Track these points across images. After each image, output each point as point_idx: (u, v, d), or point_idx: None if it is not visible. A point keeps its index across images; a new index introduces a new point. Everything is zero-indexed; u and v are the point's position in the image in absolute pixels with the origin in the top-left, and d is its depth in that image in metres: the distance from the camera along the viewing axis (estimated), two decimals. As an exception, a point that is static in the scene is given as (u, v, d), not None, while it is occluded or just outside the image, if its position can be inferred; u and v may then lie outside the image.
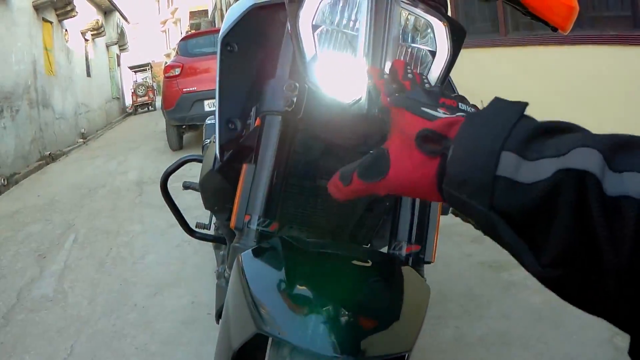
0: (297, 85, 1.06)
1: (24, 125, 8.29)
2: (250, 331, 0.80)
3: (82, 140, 11.48)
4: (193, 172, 2.48)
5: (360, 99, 0.98)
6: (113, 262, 3.56)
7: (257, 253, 0.95)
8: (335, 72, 0.99)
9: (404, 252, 1.09)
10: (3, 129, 7.43)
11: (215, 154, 1.18)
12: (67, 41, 11.87)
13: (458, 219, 3.25)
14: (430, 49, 1.03)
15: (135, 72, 21.88)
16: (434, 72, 1.03)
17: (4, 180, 6.82)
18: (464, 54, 1.12)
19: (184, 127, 8.00)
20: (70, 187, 6.47)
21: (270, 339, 0.85)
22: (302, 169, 1.29)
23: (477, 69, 3.50)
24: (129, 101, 20.90)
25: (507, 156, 0.45)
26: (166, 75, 7.76)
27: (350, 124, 1.07)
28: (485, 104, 0.52)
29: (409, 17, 1.03)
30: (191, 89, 7.39)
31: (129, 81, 21.44)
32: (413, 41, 1.04)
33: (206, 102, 7.28)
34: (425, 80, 0.69)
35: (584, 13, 2.88)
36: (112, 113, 17.03)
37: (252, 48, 1.21)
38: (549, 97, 3.14)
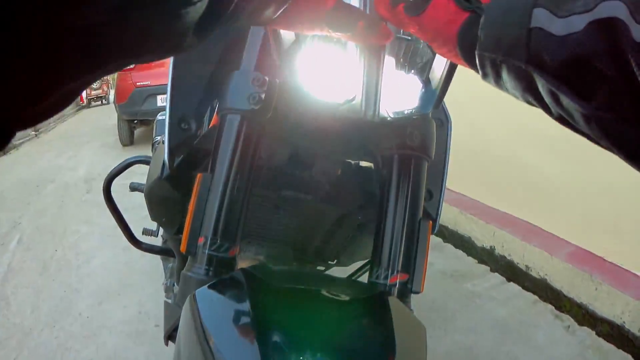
0: (267, 79, 0.90)
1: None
2: None
3: (34, 132, 11.09)
4: (143, 170, 2.32)
5: (354, 99, 0.80)
6: (58, 266, 3.37)
7: (215, 290, 0.78)
8: (324, 65, 0.81)
9: (388, 281, 0.94)
10: None
11: (164, 159, 1.00)
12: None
13: None
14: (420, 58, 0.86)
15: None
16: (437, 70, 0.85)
17: None
18: None
19: (135, 122, 7.79)
20: (18, 182, 6.15)
21: None
22: (265, 177, 1.09)
23: None
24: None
25: (540, 12, 0.46)
26: None
27: (330, 128, 0.93)
28: None
29: None
30: (145, 82, 7.21)
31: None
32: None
33: (159, 97, 7.10)
34: None
35: None
36: (64, 105, 16.56)
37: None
38: (509, 103, 3.10)
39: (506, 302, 2.68)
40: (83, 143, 8.92)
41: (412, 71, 0.84)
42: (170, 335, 1.23)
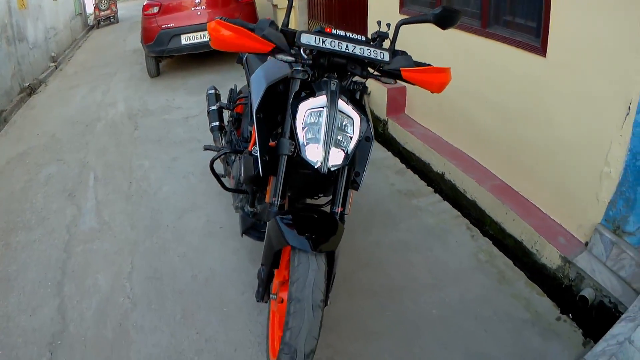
0: (293, 144, 2.36)
1: (5, 63, 9.05)
2: (283, 243, 2.23)
3: (53, 64, 12.22)
4: (178, 103, 3.74)
5: (318, 162, 2.26)
6: (137, 195, 4.84)
7: (281, 216, 2.30)
8: (310, 152, 2.27)
9: (337, 210, 2.47)
10: None
11: (259, 170, 2.57)
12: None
13: (389, 154, 4.70)
14: (350, 134, 2.34)
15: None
16: (351, 145, 2.32)
17: None
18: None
19: (161, 57, 9.25)
20: (65, 122, 7.45)
21: (291, 248, 2.21)
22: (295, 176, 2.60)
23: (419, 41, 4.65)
24: (90, 10, 21.30)
25: None
26: (145, 13, 8.95)
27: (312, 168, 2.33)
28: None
29: (343, 117, 2.33)
30: (169, 25, 8.64)
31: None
32: (344, 129, 2.32)
33: (183, 37, 8.63)
34: None
35: (501, 15, 3.97)
36: (76, 29, 17.56)
37: (270, 116, 2.63)
38: (469, 73, 4.28)
39: (437, 215, 4.12)
40: (110, 75, 10.23)
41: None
42: (245, 232, 2.82)
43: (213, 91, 4.19)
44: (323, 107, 2.30)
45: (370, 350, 2.87)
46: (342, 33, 2.40)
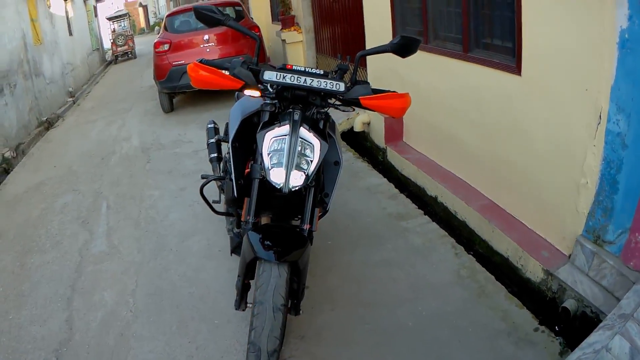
0: (264, 168, 2.75)
1: (22, 97, 9.62)
2: (252, 255, 2.65)
3: (71, 99, 12.81)
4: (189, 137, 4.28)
5: (281, 184, 2.69)
6: (146, 221, 5.31)
7: (254, 232, 2.75)
8: (274, 175, 2.69)
9: (305, 227, 2.88)
10: (5, 106, 8.70)
11: (233, 190, 3.01)
12: (49, 7, 13.18)
13: (384, 180, 5.24)
14: (311, 158, 2.72)
15: (113, 22, 23.27)
16: (311, 167, 2.72)
17: (12, 152, 8.15)
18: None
19: (174, 93, 9.87)
20: (82, 155, 8.04)
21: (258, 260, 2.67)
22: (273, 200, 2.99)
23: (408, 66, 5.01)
24: (107, 45, 22.17)
25: None
26: (157, 50, 9.57)
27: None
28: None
29: (304, 144, 2.72)
30: (180, 62, 9.19)
31: (105, 29, 22.71)
32: (304, 153, 2.71)
33: None
34: None
35: (480, 38, 4.29)
36: (93, 65, 18.37)
37: (244, 144, 3.08)
38: (454, 96, 4.68)
39: (424, 235, 4.47)
40: (126, 110, 10.85)
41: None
42: (233, 251, 3.43)
43: (212, 125, 4.65)
44: (286, 135, 2.71)
45: (346, 356, 3.21)
46: (302, 68, 2.83)
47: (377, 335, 3.36)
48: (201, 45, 9.46)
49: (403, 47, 2.89)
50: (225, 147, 4.42)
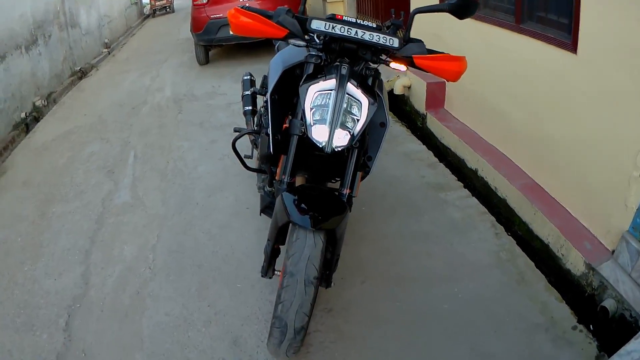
0: (304, 124, 2.46)
1: (56, 48, 9.44)
2: (285, 219, 2.33)
3: (106, 50, 12.67)
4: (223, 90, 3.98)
5: (323, 142, 2.41)
6: (173, 173, 5.04)
7: (289, 193, 2.44)
8: (317, 132, 2.42)
9: (344, 191, 2.60)
10: (39, 55, 8.50)
11: (268, 145, 2.73)
12: (88, -42, 12.86)
13: (424, 147, 4.82)
14: (357, 117, 2.45)
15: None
16: (358, 127, 2.45)
17: (44, 100, 7.98)
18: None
19: (210, 46, 9.58)
20: (113, 104, 7.80)
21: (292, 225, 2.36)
22: (311, 158, 2.71)
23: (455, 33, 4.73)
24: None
25: None
26: (195, 3, 9.32)
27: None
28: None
29: (351, 100, 2.44)
30: (218, 15, 8.89)
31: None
32: (351, 111, 2.43)
33: None
34: None
35: (534, 10, 3.92)
36: (131, 18, 18.11)
37: (284, 97, 2.78)
38: (501, 68, 4.32)
39: (463, 210, 4.10)
40: (160, 62, 10.56)
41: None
42: (263, 211, 3.10)
43: (248, 77, 4.33)
44: (331, 90, 2.43)
45: (375, 334, 2.92)
46: (353, 20, 2.53)
47: (409, 315, 3.07)
48: (241, 0, 9.13)
49: (461, 8, 2.53)
50: (261, 101, 4.14)
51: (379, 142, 2.78)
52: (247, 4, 8.90)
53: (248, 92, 4.15)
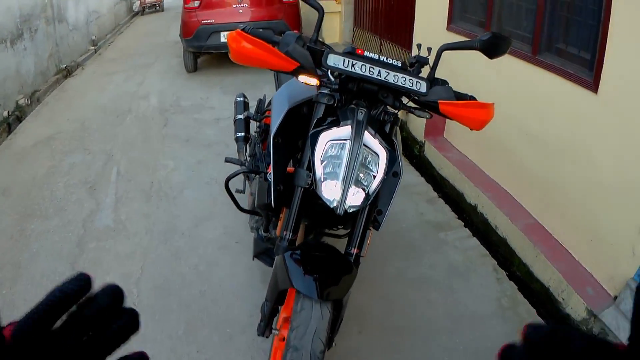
0: (311, 176, 2.21)
1: (42, 43, 9.18)
2: (287, 285, 2.12)
3: (93, 47, 12.43)
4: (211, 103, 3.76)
5: (334, 202, 2.13)
6: (157, 196, 4.85)
7: (291, 254, 2.20)
8: (327, 189, 2.13)
9: (352, 251, 2.34)
10: (23, 51, 8.24)
11: (269, 195, 2.41)
12: (79, -50, 12.61)
13: (422, 179, 4.60)
14: (374, 172, 2.16)
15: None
16: (374, 184, 2.17)
17: (27, 99, 7.74)
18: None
19: (200, 53, 9.32)
20: (96, 110, 7.56)
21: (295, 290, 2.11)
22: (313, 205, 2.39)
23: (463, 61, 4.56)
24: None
25: None
26: (186, 6, 9.00)
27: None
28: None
29: (367, 153, 2.14)
30: (209, 20, 8.67)
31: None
32: (368, 165, 2.14)
33: (223, 34, 8.54)
34: None
35: (553, 42, 3.76)
36: (120, 14, 17.84)
37: (291, 139, 2.48)
38: (512, 100, 4.14)
39: (464, 252, 4.00)
40: (147, 65, 10.32)
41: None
42: (257, 256, 2.81)
43: (242, 99, 4.00)
44: (346, 140, 2.13)
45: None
46: (375, 56, 2.25)
47: (410, 369, 2.93)
48: (234, 5, 8.87)
49: (493, 46, 2.31)
50: (254, 126, 3.98)
51: (391, 193, 2.44)
52: (240, 10, 8.78)
53: (241, 116, 3.82)
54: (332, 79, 2.37)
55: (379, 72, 2.17)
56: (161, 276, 3.71)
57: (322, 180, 2.14)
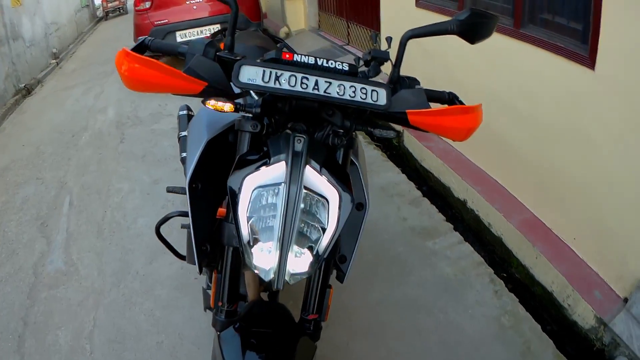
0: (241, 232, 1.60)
1: (-2, 65, 8.86)
2: None
3: (54, 61, 12.03)
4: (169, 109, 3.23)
5: (270, 272, 1.44)
6: (110, 228, 4.38)
7: (232, 330, 1.70)
8: (259, 255, 1.45)
9: (309, 318, 1.83)
10: None
11: (193, 257, 1.80)
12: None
13: (403, 177, 4.08)
14: (323, 224, 1.46)
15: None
16: (324, 241, 1.47)
17: None
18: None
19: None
20: (52, 131, 7.13)
21: None
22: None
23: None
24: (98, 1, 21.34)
25: None
26: (137, 8, 8.65)
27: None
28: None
29: (311, 199, 1.44)
30: (163, 21, 8.31)
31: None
32: (314, 213, 1.45)
33: (178, 33, 8.20)
34: None
35: (538, 12, 3.29)
36: (82, 22, 17.46)
37: (210, 186, 1.80)
38: (497, 79, 3.72)
39: (456, 262, 3.51)
40: (107, 74, 9.84)
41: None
42: (208, 307, 2.34)
43: (185, 112, 3.29)
44: (280, 183, 1.45)
45: None
46: (311, 60, 1.59)
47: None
48: (187, 2, 8.48)
49: (473, 27, 1.68)
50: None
51: (356, 232, 1.84)
52: (195, 7, 8.34)
53: (185, 133, 3.01)
54: (255, 97, 1.67)
55: (316, 83, 1.50)
56: (115, 327, 3.25)
57: (251, 244, 1.46)
